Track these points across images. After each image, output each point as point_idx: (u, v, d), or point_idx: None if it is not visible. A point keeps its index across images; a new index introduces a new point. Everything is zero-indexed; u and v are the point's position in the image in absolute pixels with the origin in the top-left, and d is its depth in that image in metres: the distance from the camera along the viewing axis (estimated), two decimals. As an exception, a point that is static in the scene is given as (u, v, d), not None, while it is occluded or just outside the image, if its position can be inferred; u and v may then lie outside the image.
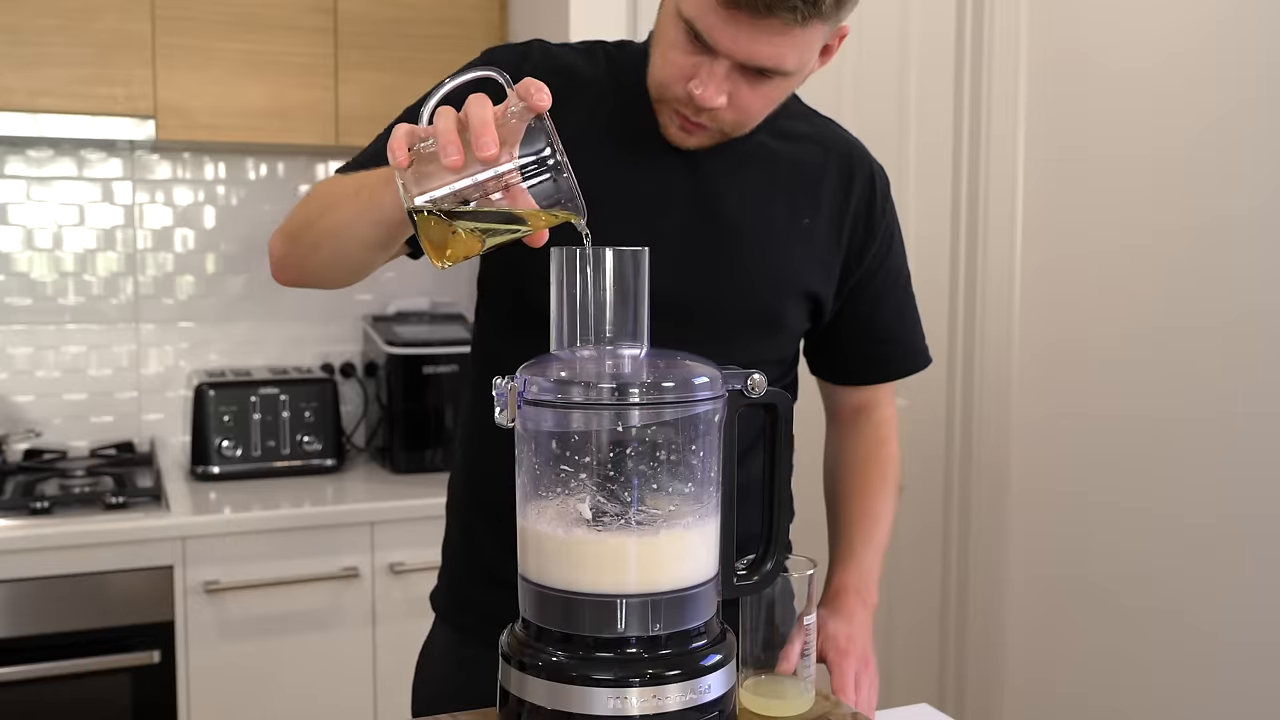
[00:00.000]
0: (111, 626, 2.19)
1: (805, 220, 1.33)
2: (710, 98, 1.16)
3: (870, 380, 1.47)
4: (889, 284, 1.41)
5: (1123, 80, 2.37)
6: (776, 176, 1.32)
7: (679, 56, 1.17)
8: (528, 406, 0.93)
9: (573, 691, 0.90)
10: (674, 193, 1.27)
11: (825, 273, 1.35)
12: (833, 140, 1.38)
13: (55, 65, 2.38)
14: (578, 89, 1.28)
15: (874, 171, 1.40)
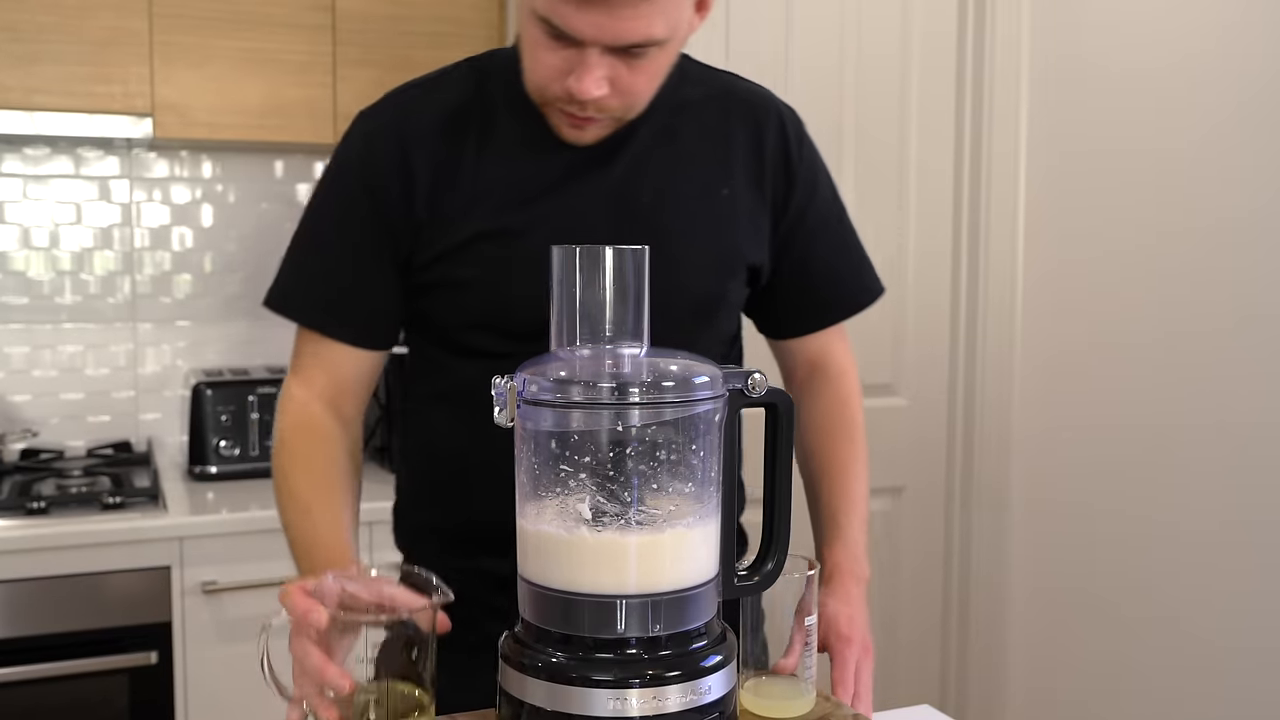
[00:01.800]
0: (109, 627, 2.19)
1: (724, 191, 1.29)
2: (589, 89, 1.13)
3: (819, 326, 1.42)
4: (820, 225, 1.38)
5: (1124, 85, 2.37)
6: (685, 154, 1.29)
7: (547, 55, 1.15)
8: (527, 406, 0.93)
9: (572, 693, 0.90)
10: (590, 199, 1.25)
11: (756, 238, 1.32)
12: (733, 95, 1.34)
13: (52, 63, 2.37)
14: (462, 123, 1.26)
15: (782, 116, 1.36)
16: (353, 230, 1.27)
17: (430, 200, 1.24)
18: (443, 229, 1.24)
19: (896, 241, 2.70)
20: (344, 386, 1.31)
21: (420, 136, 1.25)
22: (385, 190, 1.24)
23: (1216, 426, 2.18)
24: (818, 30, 2.58)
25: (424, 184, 1.24)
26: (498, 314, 1.24)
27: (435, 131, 1.25)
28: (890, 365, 2.72)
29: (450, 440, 1.31)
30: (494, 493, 1.24)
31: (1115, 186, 2.40)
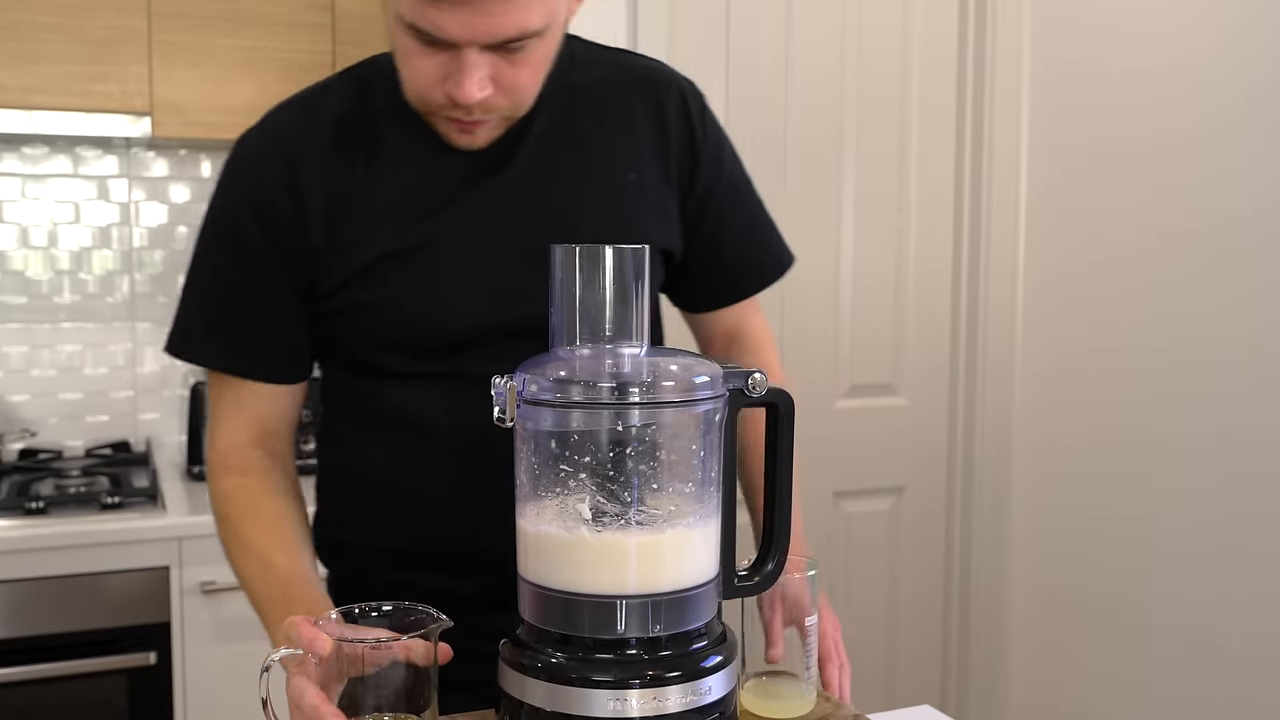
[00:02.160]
0: (107, 627, 2.19)
1: (630, 176, 1.25)
2: (471, 93, 1.08)
3: (734, 300, 1.40)
4: (728, 201, 1.34)
5: (1125, 86, 2.37)
6: (585, 143, 1.24)
7: (422, 62, 1.09)
8: (526, 406, 0.93)
9: (572, 693, 0.90)
10: (490, 205, 1.20)
11: (666, 222, 1.28)
12: (631, 73, 1.29)
13: (51, 62, 2.37)
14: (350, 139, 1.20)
15: (684, 92, 1.31)
16: (247, 261, 1.20)
17: (326, 227, 1.18)
18: (343, 255, 1.18)
19: (897, 244, 2.70)
20: (268, 425, 1.26)
21: (307, 156, 1.19)
22: (276, 215, 1.19)
23: (1217, 430, 2.18)
24: (818, 32, 2.58)
25: (317, 208, 1.18)
26: (404, 334, 1.20)
27: (322, 151, 1.19)
28: (891, 366, 2.72)
29: (368, 461, 1.26)
30: (415, 512, 1.23)
31: (1116, 188, 2.40)
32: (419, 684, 0.95)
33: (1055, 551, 2.59)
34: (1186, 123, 2.23)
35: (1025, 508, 2.67)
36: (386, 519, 1.26)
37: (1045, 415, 2.61)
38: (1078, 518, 2.51)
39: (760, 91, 2.54)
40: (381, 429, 1.25)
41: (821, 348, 2.64)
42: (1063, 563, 2.56)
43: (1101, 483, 2.45)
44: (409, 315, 1.19)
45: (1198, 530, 2.22)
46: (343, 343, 1.24)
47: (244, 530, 1.21)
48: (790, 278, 1.46)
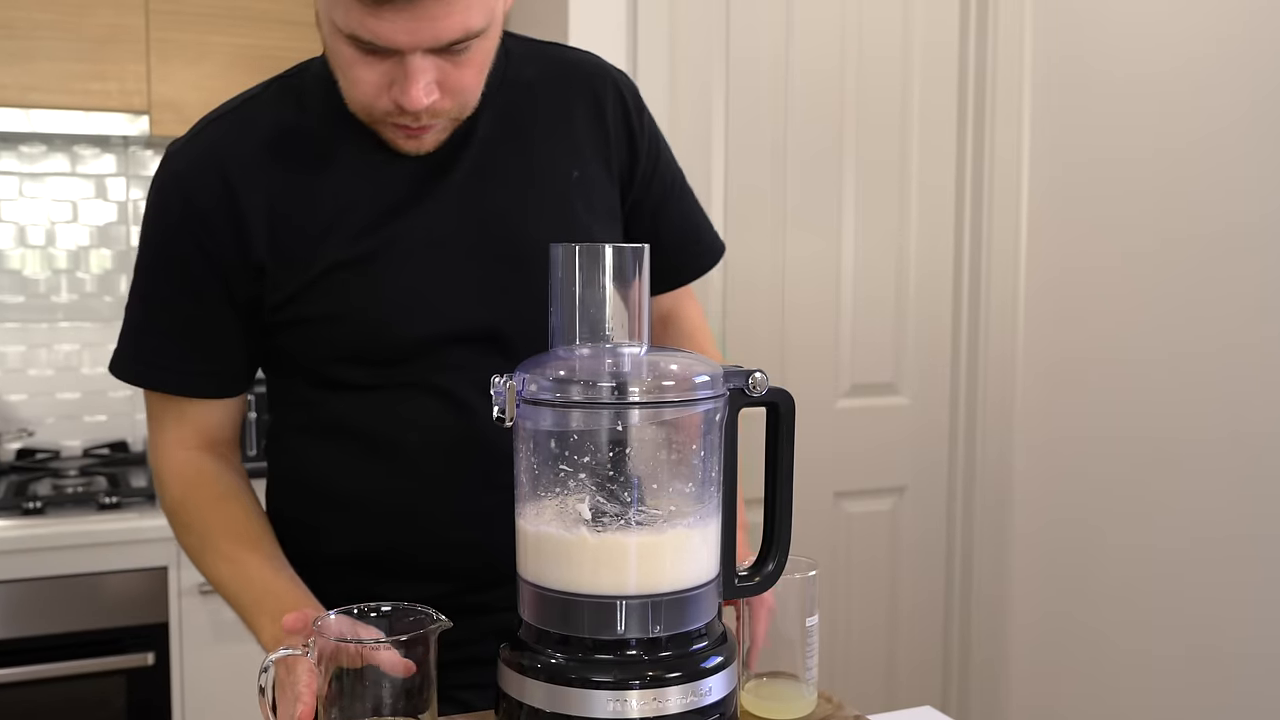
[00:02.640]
0: (105, 628, 2.19)
1: (574, 173, 1.25)
2: (419, 98, 1.06)
3: (670, 287, 1.41)
4: (664, 192, 1.36)
5: (1128, 89, 2.37)
6: (528, 142, 1.23)
7: (363, 72, 1.07)
8: (526, 405, 0.93)
9: (572, 694, 0.90)
10: (439, 212, 1.18)
11: (610, 216, 1.29)
12: (567, 68, 1.29)
13: (48, 60, 2.37)
14: (289, 151, 1.18)
15: (619, 85, 1.31)
16: (183, 282, 1.18)
17: (271, 243, 1.16)
18: (290, 268, 1.16)
19: (898, 246, 2.70)
20: (213, 434, 1.26)
21: (244, 172, 1.16)
22: (213, 236, 1.16)
23: (1219, 433, 2.18)
24: (818, 34, 2.58)
25: (259, 225, 1.16)
26: (356, 344, 1.18)
27: (261, 164, 1.16)
28: (892, 364, 2.72)
29: (315, 470, 1.25)
30: (362, 521, 1.22)
31: (1119, 192, 2.40)
32: (418, 685, 0.95)
33: (1057, 552, 2.59)
34: (1190, 126, 2.23)
35: (1027, 508, 2.67)
36: (335, 528, 1.24)
37: (1047, 417, 2.61)
38: (1080, 519, 2.51)
39: (760, 93, 2.54)
40: (329, 438, 1.23)
41: (822, 347, 2.64)
42: (1064, 564, 2.56)
43: (1103, 484, 2.45)
44: (360, 326, 1.17)
45: (1200, 533, 2.22)
46: (293, 354, 1.23)
47: (213, 537, 1.20)
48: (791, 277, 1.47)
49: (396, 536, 1.22)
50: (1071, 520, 2.54)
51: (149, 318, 1.22)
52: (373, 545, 1.23)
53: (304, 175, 1.17)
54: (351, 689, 0.94)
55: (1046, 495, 2.61)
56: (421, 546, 1.21)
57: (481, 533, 1.19)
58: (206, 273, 1.17)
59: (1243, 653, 2.16)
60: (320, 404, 1.23)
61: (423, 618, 0.97)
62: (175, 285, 1.19)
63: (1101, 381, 2.44)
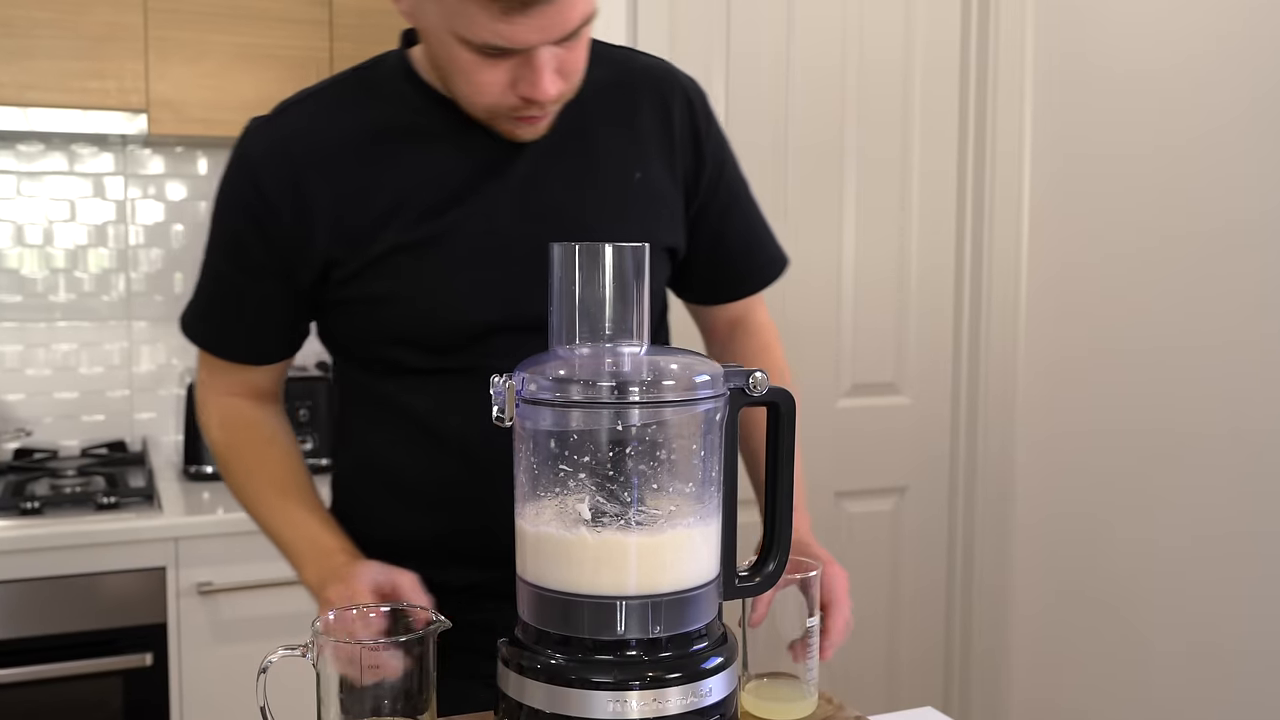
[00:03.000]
0: (103, 629, 2.18)
1: (636, 175, 1.28)
2: (548, 90, 1.11)
3: (737, 296, 1.43)
4: (730, 201, 1.37)
5: (1129, 86, 2.37)
6: (594, 141, 1.27)
7: (488, 74, 1.11)
8: (525, 405, 0.93)
9: (571, 695, 0.90)
10: (499, 200, 1.22)
11: (672, 220, 1.31)
12: (636, 72, 1.32)
13: (46, 58, 2.37)
14: (360, 140, 1.23)
15: (688, 91, 1.34)
16: (241, 258, 1.26)
17: (333, 228, 1.21)
18: (352, 251, 1.21)
19: (899, 243, 2.70)
20: (257, 389, 1.36)
21: (314, 160, 1.21)
22: (276, 220, 1.22)
23: (1221, 430, 2.18)
24: (820, 31, 2.58)
25: (324, 212, 1.21)
26: (414, 327, 1.23)
27: (331, 153, 1.22)
28: (893, 364, 2.72)
29: (381, 459, 1.30)
30: (429, 508, 1.27)
31: (1120, 189, 2.40)
32: (417, 686, 0.95)
33: (1058, 552, 2.59)
34: (1191, 123, 2.23)
35: (1028, 508, 2.67)
36: (387, 511, 1.30)
37: (1048, 415, 2.61)
38: (1081, 518, 2.51)
39: (761, 90, 2.54)
40: (382, 422, 1.28)
41: (823, 346, 2.64)
42: (1066, 564, 2.56)
43: (1105, 483, 2.45)
44: (419, 308, 1.22)
45: (1202, 530, 2.22)
46: (349, 335, 1.29)
47: (253, 480, 1.31)
48: (791, 276, 1.47)
49: (445, 521, 1.27)
50: (1073, 521, 2.54)
51: (208, 282, 1.31)
52: (422, 530, 1.28)
53: (371, 163, 1.22)
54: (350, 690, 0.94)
55: (1048, 493, 2.61)
56: (469, 532, 1.25)
57: None
58: (264, 253, 1.24)
59: (1242, 649, 2.16)
60: (373, 386, 1.29)
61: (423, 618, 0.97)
62: (233, 259, 1.27)
63: (1102, 377, 2.44)
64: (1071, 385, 2.54)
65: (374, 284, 1.22)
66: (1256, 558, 2.13)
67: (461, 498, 1.25)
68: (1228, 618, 2.18)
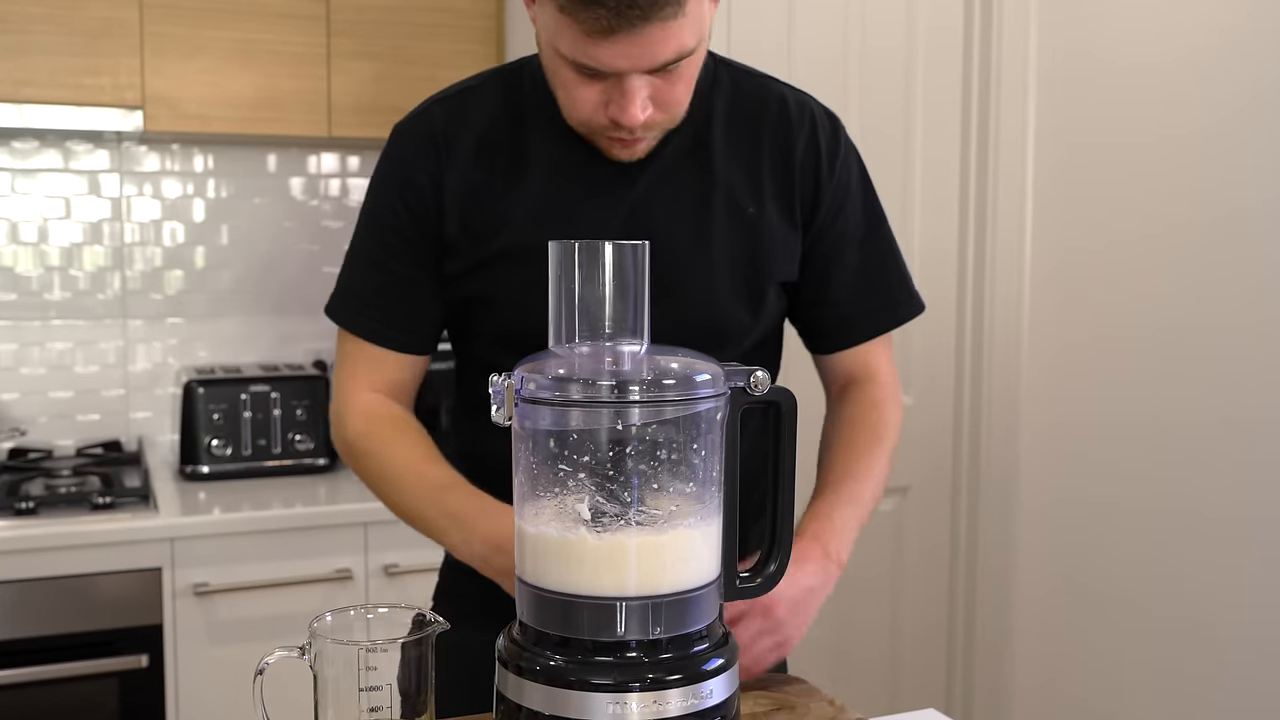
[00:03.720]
0: (98, 630, 2.19)
1: (750, 209, 1.30)
2: (635, 116, 1.15)
3: (844, 345, 1.40)
4: (842, 242, 1.36)
5: (1132, 77, 2.37)
6: (710, 171, 1.29)
7: (583, 92, 1.17)
8: (525, 404, 0.93)
9: (571, 696, 0.90)
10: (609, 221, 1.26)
11: (787, 255, 1.32)
12: (768, 103, 1.33)
13: (41, 54, 2.37)
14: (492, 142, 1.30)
15: (816, 124, 1.34)
16: (392, 242, 1.32)
17: (462, 219, 1.29)
18: (470, 246, 1.29)
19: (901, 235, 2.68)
20: (397, 387, 1.38)
21: (452, 157, 1.29)
22: (423, 204, 1.30)
23: (1227, 421, 2.18)
24: (821, 21, 2.58)
25: (456, 204, 1.29)
26: (516, 330, 1.26)
27: (466, 152, 1.29)
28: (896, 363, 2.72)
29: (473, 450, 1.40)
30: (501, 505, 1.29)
31: (1124, 180, 2.40)
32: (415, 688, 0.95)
33: (1063, 553, 2.59)
34: (1194, 113, 2.23)
35: (1032, 508, 2.67)
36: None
37: (1052, 411, 2.61)
38: (1086, 518, 2.51)
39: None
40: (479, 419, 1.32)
41: (825, 345, 2.64)
42: (1071, 564, 2.56)
43: (1110, 479, 2.45)
44: (519, 314, 1.26)
45: (1210, 522, 2.22)
46: (466, 332, 1.37)
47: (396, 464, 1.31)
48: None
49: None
50: (1078, 520, 2.54)
51: (361, 269, 1.36)
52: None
53: (499, 169, 1.28)
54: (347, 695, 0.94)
55: (1052, 492, 2.61)
56: None
57: None
58: (413, 237, 1.31)
59: (1257, 649, 2.16)
60: (475, 385, 1.36)
61: (421, 619, 0.97)
62: (386, 244, 1.33)
63: (1107, 374, 2.44)
64: (1076, 380, 2.54)
65: (481, 284, 1.29)
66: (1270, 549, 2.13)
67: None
68: (1242, 610, 2.18)
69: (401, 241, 1.32)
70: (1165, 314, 2.31)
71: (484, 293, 1.30)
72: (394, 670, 0.95)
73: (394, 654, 0.94)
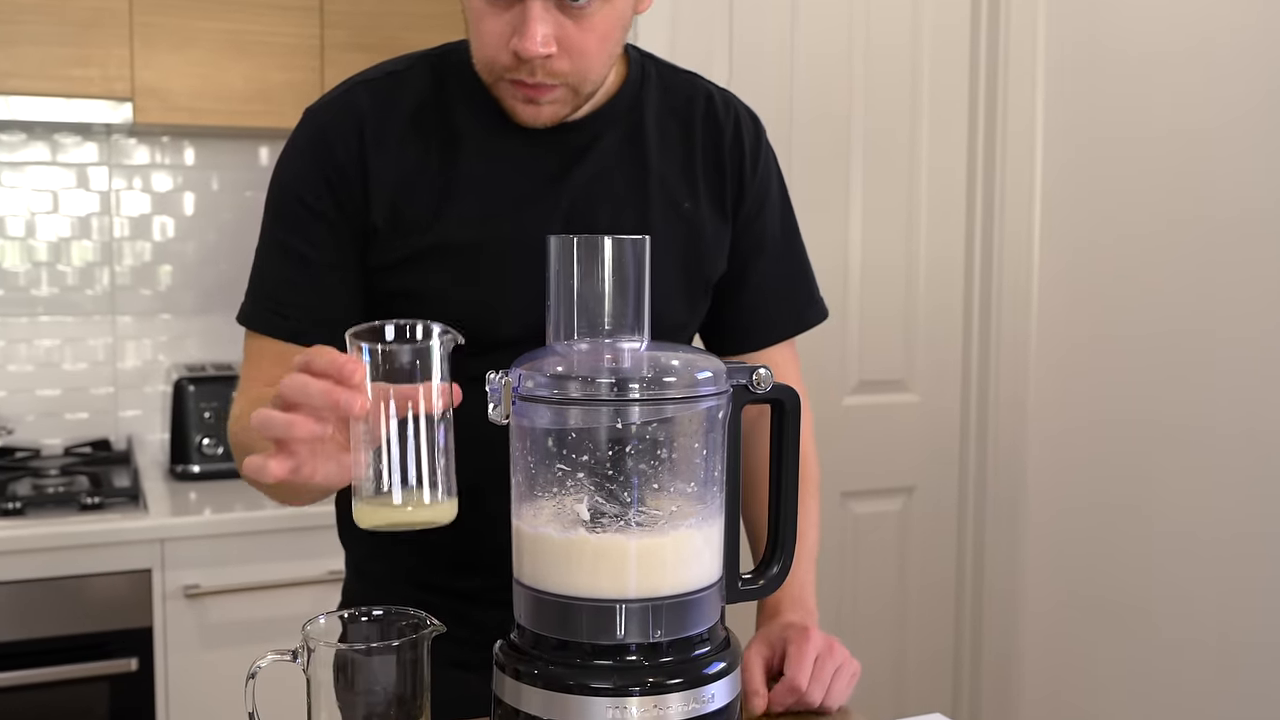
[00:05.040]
0: (87, 632, 2.18)
1: (685, 205, 1.30)
2: (535, 45, 1.11)
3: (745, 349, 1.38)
4: (760, 243, 1.36)
5: (1143, 71, 2.37)
6: (646, 166, 1.29)
7: (491, 22, 1.14)
8: (522, 402, 0.93)
9: (570, 701, 0.90)
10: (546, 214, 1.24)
11: (716, 251, 1.32)
12: (698, 100, 1.34)
13: (28, 45, 2.37)
14: (422, 128, 1.25)
15: (740, 122, 1.35)
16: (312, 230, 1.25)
17: (389, 211, 1.23)
18: (402, 238, 1.23)
19: (907, 233, 2.70)
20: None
21: (379, 143, 1.24)
22: (346, 189, 1.24)
23: (1238, 424, 2.18)
24: (825, 16, 2.57)
25: (382, 193, 1.23)
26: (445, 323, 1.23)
27: (395, 140, 1.24)
28: (901, 360, 2.72)
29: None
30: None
31: (1135, 176, 2.40)
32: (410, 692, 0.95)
33: (1071, 553, 2.59)
34: (1205, 108, 2.23)
35: (1040, 508, 2.67)
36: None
37: (1061, 411, 2.61)
38: (1094, 517, 2.51)
39: (765, 77, 2.53)
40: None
41: (829, 342, 2.64)
42: (1079, 565, 2.56)
43: (1120, 483, 2.45)
44: (452, 306, 1.21)
45: (1220, 527, 2.22)
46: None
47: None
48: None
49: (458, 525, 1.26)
50: (1086, 520, 2.54)
51: (274, 265, 1.28)
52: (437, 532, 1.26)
53: (432, 157, 1.24)
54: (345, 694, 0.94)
55: (1060, 493, 2.61)
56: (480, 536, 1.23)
57: None
58: (339, 221, 1.24)
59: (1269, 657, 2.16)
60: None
61: (416, 621, 0.97)
62: (306, 233, 1.25)
63: (1116, 375, 2.44)
64: (1084, 380, 2.54)
65: (411, 277, 1.24)
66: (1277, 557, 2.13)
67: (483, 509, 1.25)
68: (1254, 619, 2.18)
69: (325, 227, 1.24)
70: (1177, 314, 2.31)
71: (412, 288, 1.24)
72: (388, 675, 0.95)
73: (388, 657, 0.94)
